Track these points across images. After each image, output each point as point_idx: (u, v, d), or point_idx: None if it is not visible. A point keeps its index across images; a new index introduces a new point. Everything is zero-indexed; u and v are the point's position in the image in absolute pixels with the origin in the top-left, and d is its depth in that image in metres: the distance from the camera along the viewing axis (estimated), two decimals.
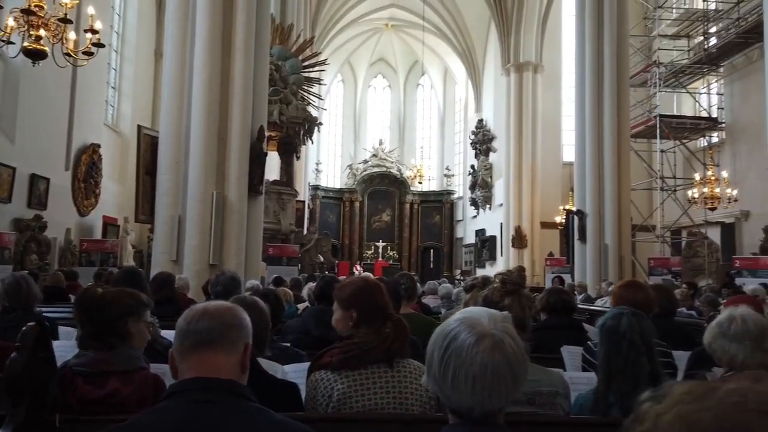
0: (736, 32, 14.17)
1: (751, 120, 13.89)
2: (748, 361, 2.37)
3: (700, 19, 16.07)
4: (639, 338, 2.30)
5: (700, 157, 16.05)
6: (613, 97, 14.06)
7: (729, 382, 0.59)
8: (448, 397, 1.15)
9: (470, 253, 25.35)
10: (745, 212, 14.60)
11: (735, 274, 11.48)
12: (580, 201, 14.46)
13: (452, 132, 29.19)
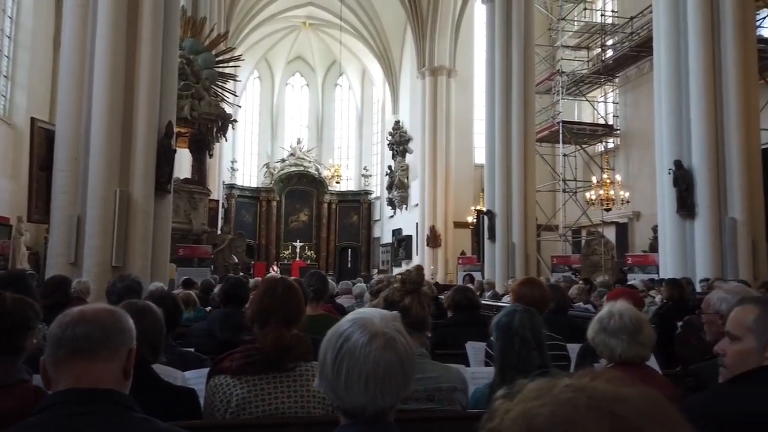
0: (629, 46, 15.35)
1: (642, 128, 15.08)
2: (625, 354, 2.56)
3: (598, 32, 17.26)
4: (530, 334, 2.44)
5: (597, 161, 17.23)
6: (520, 103, 14.79)
7: (567, 379, 0.62)
8: (342, 397, 1.15)
9: (387, 253, 25.69)
10: (636, 213, 15.86)
11: (627, 270, 12.44)
12: (489, 202, 15.09)
13: (370, 132, 29.43)
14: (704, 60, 8.94)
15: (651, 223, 13.67)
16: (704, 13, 8.98)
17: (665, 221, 9.52)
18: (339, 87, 30.53)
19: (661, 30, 9.67)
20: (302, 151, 27.79)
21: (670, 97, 9.38)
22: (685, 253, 9.13)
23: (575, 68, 17.80)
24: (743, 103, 8.85)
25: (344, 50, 25.52)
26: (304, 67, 30.29)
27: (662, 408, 0.59)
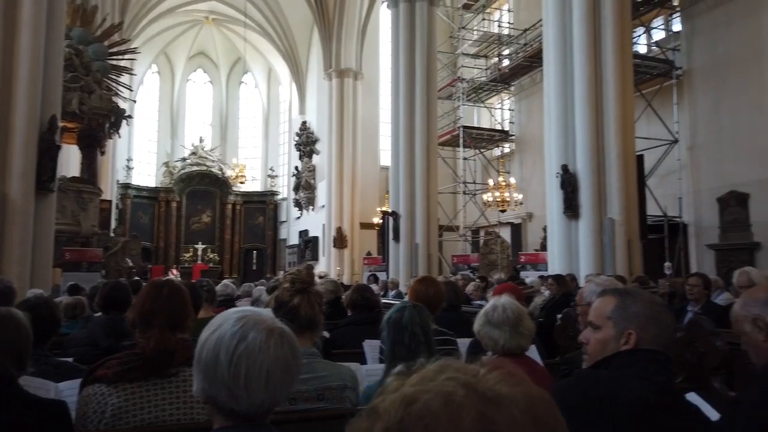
0: (523, 56, 16.25)
1: (534, 134, 16.01)
2: (507, 344, 2.72)
3: (495, 42, 18.13)
4: (420, 329, 2.52)
5: (495, 165, 18.08)
6: (424, 108, 15.22)
7: (457, 370, 0.61)
8: (239, 397, 1.13)
9: (294, 254, 25.40)
10: (529, 214, 16.84)
11: (521, 267, 13.16)
12: (394, 203, 15.38)
13: (277, 132, 28.95)
14: (587, 73, 9.63)
15: (542, 223, 14.55)
16: (587, 29, 9.68)
17: (553, 221, 10.15)
18: (244, 85, 29.76)
19: (550, 43, 10.31)
20: (205, 150, 26.82)
21: (558, 106, 10.02)
22: (570, 251, 9.78)
23: (475, 76, 18.58)
24: (621, 113, 9.61)
25: (250, 48, 24.95)
26: (207, 63, 29.24)
27: (539, 414, 0.58)
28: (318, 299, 2.20)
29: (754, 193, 11.45)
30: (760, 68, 11.29)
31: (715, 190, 12.13)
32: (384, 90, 20.95)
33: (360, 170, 21.31)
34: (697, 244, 12.63)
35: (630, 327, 1.69)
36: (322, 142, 23.04)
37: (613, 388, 1.59)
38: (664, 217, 12.65)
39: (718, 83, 12.19)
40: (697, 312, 5.52)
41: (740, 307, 1.91)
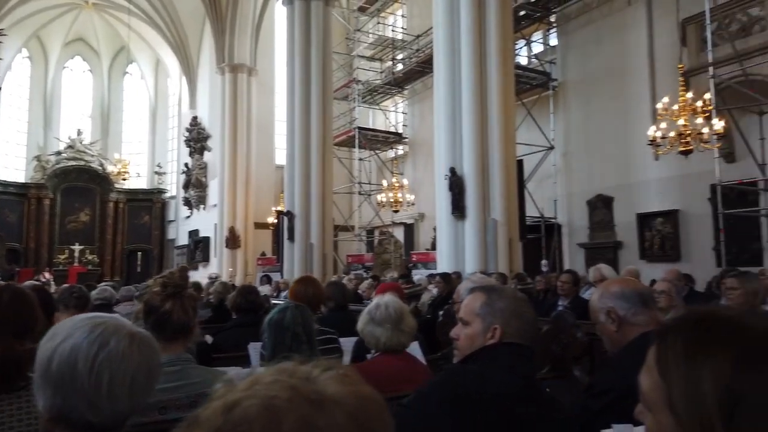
0: (416, 61, 16.75)
1: (426, 137, 16.54)
2: (389, 342, 2.79)
3: (389, 46, 18.52)
4: (302, 329, 2.55)
5: (389, 166, 18.48)
6: (319, 108, 15.21)
7: (287, 373, 0.60)
8: (101, 407, 1.07)
9: (183, 255, 24.28)
10: (421, 214, 17.40)
11: (413, 266, 13.59)
12: (289, 202, 15.23)
13: (165, 127, 27.47)
14: (473, 81, 10.11)
15: (433, 223, 15.10)
16: (473, 40, 10.16)
17: (442, 222, 10.54)
18: (129, 75, 27.93)
19: (439, 51, 10.70)
20: (83, 143, 24.87)
21: (447, 112, 10.43)
22: (457, 250, 10.22)
23: (370, 78, 18.85)
24: (503, 120, 10.19)
25: (135, 37, 23.46)
26: (87, 50, 27.10)
27: (365, 416, 0.58)
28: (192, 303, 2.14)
29: (618, 197, 12.68)
30: (624, 83, 12.50)
31: (585, 194, 13.28)
32: (279, 87, 20.61)
33: (254, 168, 20.82)
34: (569, 242, 13.73)
35: (496, 322, 1.77)
36: (214, 138, 22.24)
37: (479, 381, 1.66)
38: (541, 218, 13.62)
39: (588, 95, 13.35)
40: (566, 306, 6.02)
41: (597, 300, 2.09)
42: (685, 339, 0.67)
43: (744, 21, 9.58)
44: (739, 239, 9.91)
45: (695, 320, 0.69)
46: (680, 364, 0.65)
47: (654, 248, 11.82)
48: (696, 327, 0.68)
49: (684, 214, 11.40)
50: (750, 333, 0.65)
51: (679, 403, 0.64)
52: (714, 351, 0.64)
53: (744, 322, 0.66)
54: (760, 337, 0.64)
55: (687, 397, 0.63)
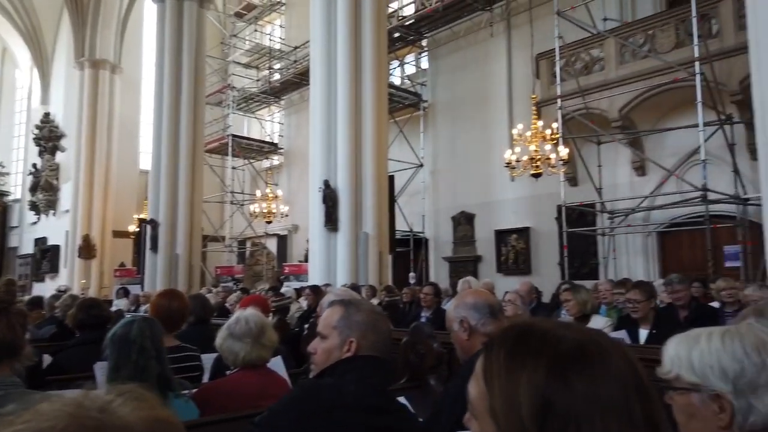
0: (293, 72, 16.71)
1: (302, 148, 16.50)
2: (248, 356, 2.72)
3: (266, 55, 18.29)
4: (150, 343, 2.40)
5: (263, 176, 18.17)
6: (190, 112, 14.57)
7: (71, 398, 0.58)
8: None
9: (27, 266, 21.84)
10: (295, 226, 17.29)
11: (284, 278, 13.43)
12: (154, 210, 14.37)
13: (10, 123, 24.64)
14: (349, 98, 10.29)
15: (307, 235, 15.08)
16: (349, 57, 10.36)
17: (315, 234, 10.57)
18: None
19: (316, 66, 10.78)
20: None
21: (323, 125, 10.51)
22: (329, 262, 10.31)
23: (245, 85, 18.45)
24: (377, 137, 10.49)
25: None
26: None
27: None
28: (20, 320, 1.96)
29: (479, 214, 13.59)
30: (486, 109, 13.48)
31: (450, 210, 14.06)
32: (147, 88, 19.44)
33: (115, 172, 19.34)
34: (435, 256, 14.43)
35: (352, 335, 1.80)
36: (69, 138, 20.35)
37: (333, 394, 1.67)
38: (410, 232, 14.18)
39: (455, 117, 14.20)
40: (429, 317, 6.33)
41: (452, 309, 2.21)
42: (507, 350, 0.70)
43: (587, 60, 10.81)
44: (580, 255, 11.07)
45: (517, 333, 0.73)
46: (502, 375, 0.69)
47: (509, 262, 12.81)
48: (516, 339, 0.71)
49: (535, 232, 12.50)
50: (562, 345, 0.68)
51: (500, 411, 0.67)
52: (530, 362, 0.67)
53: (558, 334, 0.70)
54: (571, 348, 0.68)
55: (506, 405, 0.66)
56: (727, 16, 8.94)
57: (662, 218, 10.43)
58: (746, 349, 1.06)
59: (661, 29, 9.74)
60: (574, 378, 0.65)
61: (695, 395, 1.07)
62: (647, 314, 4.11)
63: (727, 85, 8.81)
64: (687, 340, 1.12)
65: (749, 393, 1.03)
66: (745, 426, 1.03)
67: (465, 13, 13.50)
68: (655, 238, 10.71)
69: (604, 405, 0.64)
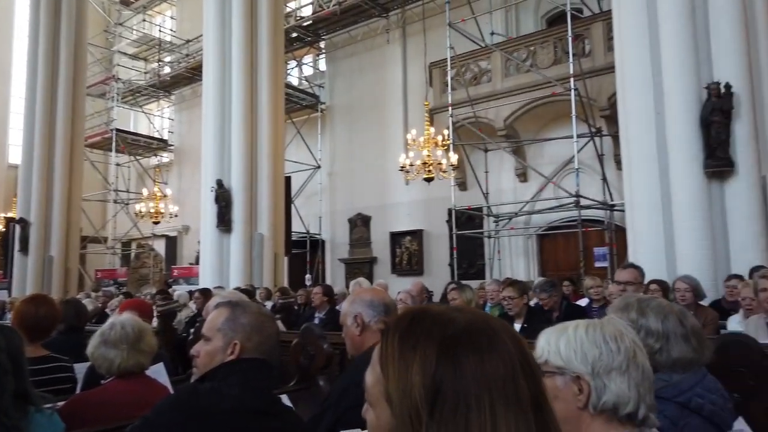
0: (185, 66, 16.02)
1: (194, 146, 15.83)
2: (124, 364, 2.58)
3: (156, 47, 17.38)
4: (6, 356, 2.22)
5: (151, 174, 17.24)
6: (68, 103, 13.51)
7: None
8: None
9: None
10: (186, 227, 16.58)
11: (173, 282, 12.83)
12: (24, 208, 13.17)
13: None
14: (244, 96, 10.07)
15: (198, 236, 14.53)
16: (245, 55, 10.15)
17: (207, 235, 10.21)
18: None
19: (209, 61, 10.44)
20: None
21: (216, 124, 10.19)
22: (222, 264, 10.02)
23: (132, 77, 17.42)
24: (273, 137, 10.35)
25: None
26: None
27: None
28: None
29: (375, 216, 13.84)
30: (382, 113, 13.76)
31: (347, 212, 14.20)
32: (18, 75, 17.72)
33: None
34: (332, 258, 14.49)
35: (236, 337, 1.76)
36: None
37: (213, 398, 1.63)
38: (306, 234, 14.13)
39: (352, 120, 14.35)
40: (322, 318, 6.37)
41: (348, 305, 2.23)
42: (400, 334, 0.71)
43: (476, 71, 11.39)
44: (468, 256, 11.63)
45: (411, 317, 0.73)
46: (396, 358, 0.69)
47: (403, 263, 13.17)
48: (409, 323, 0.72)
49: (427, 234, 12.96)
50: (453, 326, 0.69)
51: (394, 394, 0.67)
52: (422, 344, 0.68)
53: (449, 316, 0.71)
54: (461, 329, 0.69)
55: (399, 388, 0.67)
56: (598, 37, 9.83)
57: (541, 222, 11.23)
58: (606, 337, 1.19)
59: (541, 46, 10.50)
60: (463, 358, 0.66)
61: (559, 378, 1.19)
62: (521, 310, 4.41)
63: (597, 100, 9.68)
64: (557, 331, 1.25)
65: (604, 375, 1.16)
66: (598, 405, 1.15)
67: (362, 18, 13.70)
68: (534, 240, 11.51)
69: (492, 384, 0.65)
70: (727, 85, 5.57)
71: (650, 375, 1.20)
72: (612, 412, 1.15)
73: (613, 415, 1.15)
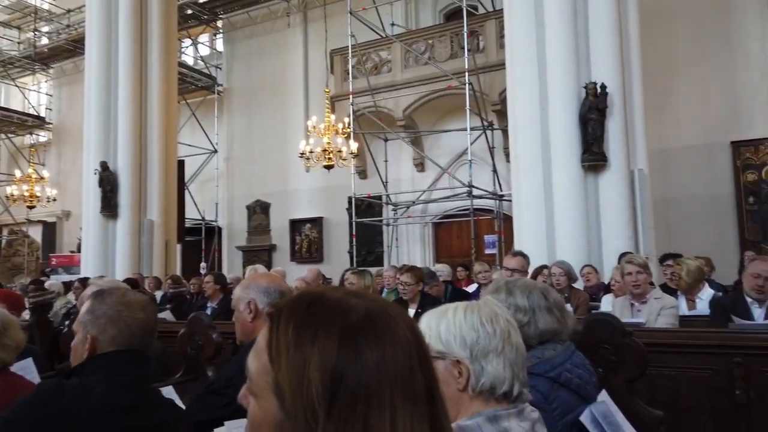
0: (66, 38, 14.74)
1: (75, 124, 14.67)
2: None
3: (31, 15, 15.83)
4: None
5: (25, 155, 15.76)
6: None
7: None
8: None
9: None
10: (66, 212, 15.36)
11: (51, 271, 11.86)
12: None
13: None
14: (132, 74, 9.48)
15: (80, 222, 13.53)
16: (133, 30, 9.55)
17: (89, 221, 9.59)
18: None
19: (93, 35, 9.73)
20: None
21: (100, 102, 9.54)
22: (107, 252, 9.42)
23: (4, 47, 15.77)
24: (164, 118, 9.84)
25: None
26: None
27: None
28: None
29: (274, 203, 13.61)
30: (283, 98, 13.49)
31: (245, 198, 13.85)
32: None
33: None
34: (229, 245, 14.08)
35: (91, 331, 1.67)
36: None
37: (78, 395, 1.55)
38: (202, 221, 13.61)
39: (252, 104, 13.96)
40: (215, 308, 6.18)
41: (242, 290, 2.17)
42: (296, 322, 0.65)
43: (376, 61, 11.49)
44: (367, 243, 11.78)
45: (306, 303, 0.68)
46: (290, 349, 0.63)
47: (303, 251, 13.09)
48: (306, 310, 0.67)
49: (328, 221, 12.96)
50: (353, 314, 0.65)
51: (286, 389, 0.62)
52: (321, 334, 0.63)
53: (349, 303, 0.67)
54: (362, 317, 0.65)
55: (294, 383, 0.62)
56: (491, 34, 10.26)
57: (437, 210, 11.61)
58: (482, 320, 1.24)
59: (438, 40, 10.80)
60: (365, 348, 0.62)
61: (441, 362, 1.22)
62: (415, 296, 4.58)
63: (489, 95, 10.13)
64: (437, 314, 1.28)
65: (482, 358, 1.21)
66: (477, 387, 1.20)
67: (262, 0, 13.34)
68: (430, 228, 11.89)
69: (392, 378, 0.62)
70: (602, 86, 6.05)
71: (523, 352, 1.28)
72: (489, 393, 1.21)
73: (490, 395, 1.21)
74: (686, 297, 4.53)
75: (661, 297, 3.92)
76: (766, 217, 8.96)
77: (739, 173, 9.19)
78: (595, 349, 2.24)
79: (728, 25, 9.35)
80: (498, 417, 1.18)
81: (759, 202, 9.02)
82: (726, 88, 9.25)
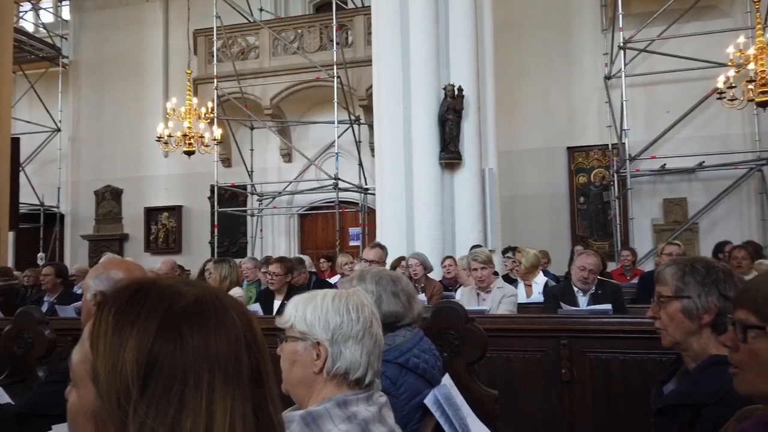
0: None
1: None
2: None
3: None
4: None
5: None
6: None
7: None
8: None
9: None
10: None
11: None
12: None
13: None
14: None
15: None
16: None
17: None
18: None
19: None
20: None
21: None
22: None
23: None
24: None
25: None
26: None
27: None
28: None
29: (127, 189, 12.65)
30: (140, 76, 12.54)
31: (93, 183, 12.71)
32: None
33: None
34: (73, 234, 12.85)
35: None
36: None
37: None
38: (40, 206, 12.28)
39: (102, 81, 12.80)
40: (53, 301, 5.67)
41: (92, 278, 2.03)
42: (118, 309, 0.65)
43: (243, 46, 11.13)
44: (230, 234, 11.43)
45: (133, 290, 0.67)
46: (108, 333, 0.64)
47: (159, 241, 12.33)
48: (131, 296, 0.66)
49: (187, 210, 12.33)
50: (180, 301, 0.66)
51: (101, 372, 0.62)
52: (142, 319, 0.63)
53: (178, 290, 0.67)
54: (189, 303, 0.66)
55: (108, 364, 0.62)
56: (360, 30, 10.43)
57: (303, 202, 11.58)
58: (349, 307, 1.30)
59: (308, 30, 10.74)
60: (187, 334, 0.63)
61: (301, 343, 1.27)
62: (283, 287, 4.60)
63: (357, 90, 10.30)
64: (306, 299, 1.33)
65: (342, 342, 1.26)
66: (332, 370, 1.26)
67: None
68: (296, 220, 11.82)
69: (214, 362, 0.63)
70: (459, 88, 6.45)
71: (381, 344, 1.35)
72: (343, 377, 1.27)
73: (343, 379, 1.27)
74: (524, 282, 5.04)
75: (502, 286, 4.33)
76: (593, 216, 10.18)
77: (573, 176, 10.33)
78: (441, 335, 2.44)
79: (569, 40, 10.42)
80: (347, 402, 1.24)
81: (588, 202, 10.23)
82: (565, 98, 10.32)
